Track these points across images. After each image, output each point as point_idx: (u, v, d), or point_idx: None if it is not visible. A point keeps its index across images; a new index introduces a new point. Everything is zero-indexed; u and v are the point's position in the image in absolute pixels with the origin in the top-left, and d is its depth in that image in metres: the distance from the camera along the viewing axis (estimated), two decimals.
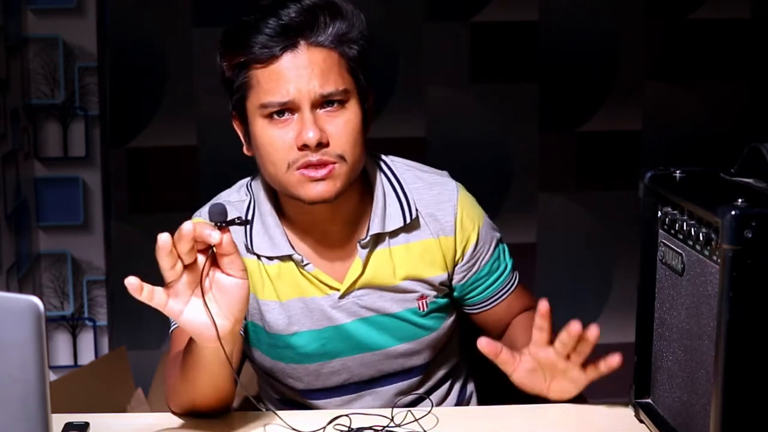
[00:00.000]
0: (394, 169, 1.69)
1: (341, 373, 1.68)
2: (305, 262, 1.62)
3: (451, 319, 1.74)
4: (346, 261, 1.65)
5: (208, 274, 1.36)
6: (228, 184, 3.28)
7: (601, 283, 3.26)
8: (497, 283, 1.74)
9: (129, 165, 3.06)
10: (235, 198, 1.69)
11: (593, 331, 1.48)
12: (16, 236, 2.68)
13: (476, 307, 1.75)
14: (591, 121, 3.19)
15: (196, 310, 1.36)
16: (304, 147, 1.52)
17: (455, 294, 1.72)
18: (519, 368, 1.54)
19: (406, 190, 1.66)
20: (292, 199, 1.58)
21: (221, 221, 1.35)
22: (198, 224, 1.32)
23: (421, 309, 1.68)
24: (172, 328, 1.63)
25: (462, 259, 1.69)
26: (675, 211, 1.37)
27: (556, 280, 3.24)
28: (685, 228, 1.33)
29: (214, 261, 1.36)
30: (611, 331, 3.24)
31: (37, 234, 2.90)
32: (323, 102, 1.54)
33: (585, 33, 3.16)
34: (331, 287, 1.64)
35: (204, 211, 1.67)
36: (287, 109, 1.54)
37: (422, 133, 3.15)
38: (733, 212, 1.19)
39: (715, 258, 1.25)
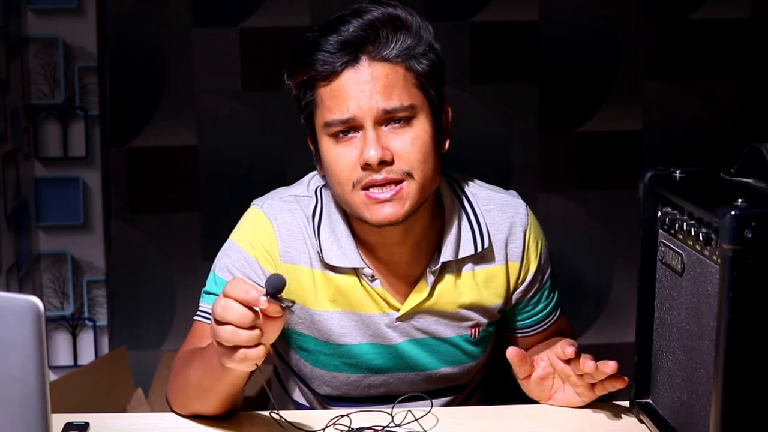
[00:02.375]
0: (467, 190, 1.65)
1: (380, 387, 1.67)
2: (375, 278, 1.59)
3: (491, 346, 1.73)
4: (410, 282, 1.61)
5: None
6: (228, 184, 3.27)
7: (601, 283, 3.26)
8: (543, 313, 1.73)
9: (129, 165, 3.05)
10: (303, 193, 1.63)
11: (611, 366, 1.46)
12: (16, 236, 2.68)
13: (516, 331, 1.74)
14: (591, 121, 3.19)
15: None
16: (366, 166, 1.48)
17: (501, 316, 1.71)
18: (533, 376, 1.54)
19: (479, 216, 1.62)
20: (360, 221, 1.54)
21: (272, 294, 1.29)
22: (243, 288, 1.29)
23: (473, 336, 1.66)
24: (197, 318, 1.60)
25: (522, 284, 1.68)
26: (675, 211, 1.37)
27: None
28: (685, 228, 1.33)
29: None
30: (611, 331, 3.24)
31: (37, 234, 2.90)
32: (388, 119, 1.49)
33: (585, 33, 3.15)
34: (391, 306, 1.61)
35: (266, 202, 1.62)
36: (351, 127, 1.49)
37: None
38: (733, 212, 1.19)
39: (715, 258, 1.25)
